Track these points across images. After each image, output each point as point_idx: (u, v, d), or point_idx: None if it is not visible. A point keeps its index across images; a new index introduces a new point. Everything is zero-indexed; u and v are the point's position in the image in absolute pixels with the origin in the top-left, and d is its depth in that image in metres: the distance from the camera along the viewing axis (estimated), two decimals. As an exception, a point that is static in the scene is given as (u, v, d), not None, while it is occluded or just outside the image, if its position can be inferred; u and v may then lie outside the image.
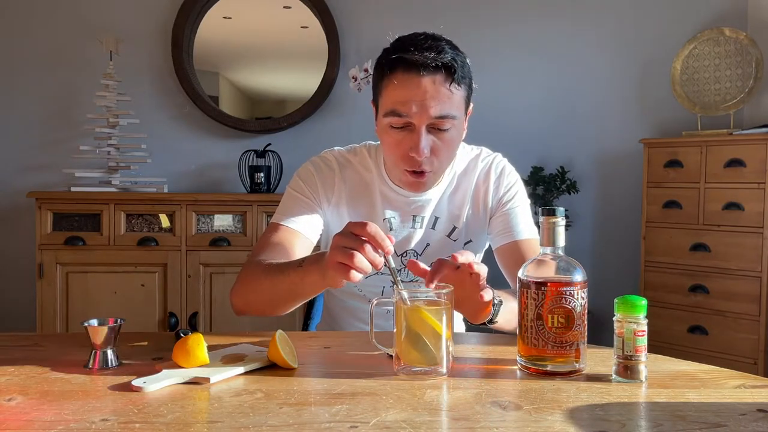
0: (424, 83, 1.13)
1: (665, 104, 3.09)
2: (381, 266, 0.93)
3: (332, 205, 1.29)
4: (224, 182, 3.07)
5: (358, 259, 0.91)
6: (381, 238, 0.92)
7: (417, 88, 1.13)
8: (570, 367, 0.90)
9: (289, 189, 1.30)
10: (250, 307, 1.18)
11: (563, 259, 0.92)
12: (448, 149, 1.20)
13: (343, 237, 0.94)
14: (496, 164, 1.33)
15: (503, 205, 1.31)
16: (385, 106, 1.17)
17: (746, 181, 2.60)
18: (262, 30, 3.17)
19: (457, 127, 1.19)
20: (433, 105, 1.13)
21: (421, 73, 1.12)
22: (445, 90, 1.14)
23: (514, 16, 3.13)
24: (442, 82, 1.13)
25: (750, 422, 0.73)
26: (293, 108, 3.07)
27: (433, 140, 1.17)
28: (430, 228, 1.30)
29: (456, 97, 1.16)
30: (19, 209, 2.97)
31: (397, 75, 1.14)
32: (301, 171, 1.32)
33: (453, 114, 1.16)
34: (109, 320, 0.94)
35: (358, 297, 1.34)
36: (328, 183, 1.29)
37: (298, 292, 1.08)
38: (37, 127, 3.03)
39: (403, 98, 1.14)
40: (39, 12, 3.03)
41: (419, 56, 1.12)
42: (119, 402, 0.79)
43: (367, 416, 0.74)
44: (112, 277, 2.66)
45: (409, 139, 1.16)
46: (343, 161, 1.32)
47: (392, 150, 1.20)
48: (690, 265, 2.75)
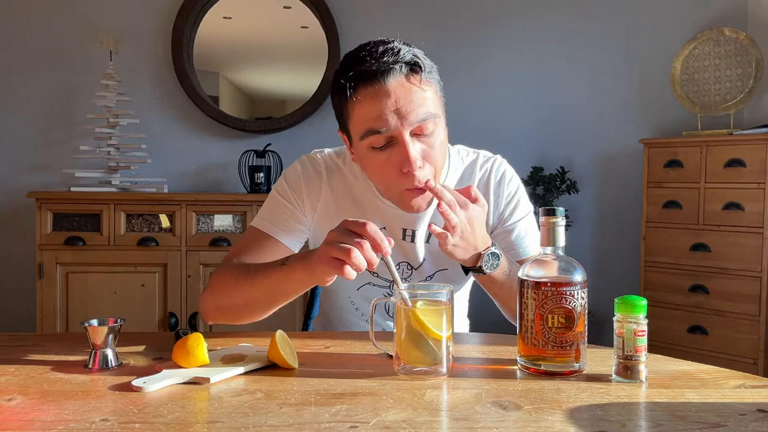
0: (392, 89, 1.03)
1: (665, 104, 3.09)
2: (376, 266, 0.91)
3: (318, 214, 1.21)
4: (224, 182, 3.07)
5: (355, 255, 0.88)
6: (380, 239, 0.90)
7: (387, 97, 1.02)
8: (570, 367, 0.90)
9: (275, 192, 1.22)
10: (222, 313, 1.13)
11: (563, 259, 0.92)
12: (439, 151, 1.09)
13: (339, 233, 0.92)
14: (495, 171, 1.24)
15: (505, 220, 1.23)
16: (357, 129, 1.06)
17: (746, 181, 2.60)
18: (262, 30, 3.17)
19: (440, 126, 1.09)
20: (410, 109, 1.03)
21: (386, 80, 1.02)
22: (416, 89, 1.04)
23: (514, 16, 3.13)
24: (410, 81, 1.04)
25: (750, 422, 0.73)
26: (293, 108, 3.07)
27: (421, 148, 1.06)
28: (424, 242, 1.22)
29: (429, 93, 1.06)
30: (19, 209, 2.97)
31: (361, 91, 1.04)
32: (288, 174, 1.23)
33: (433, 112, 1.06)
34: (109, 320, 0.94)
35: (353, 313, 1.29)
36: (314, 190, 1.21)
37: (280, 293, 1.04)
38: (37, 127, 3.03)
39: (375, 113, 1.03)
40: (39, 12, 3.03)
41: (377, 64, 1.02)
42: (119, 402, 0.79)
43: (367, 416, 0.74)
44: (112, 277, 2.66)
45: (396, 154, 1.05)
46: (333, 165, 1.23)
47: (380, 174, 1.09)
48: (690, 265, 2.75)
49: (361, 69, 1.03)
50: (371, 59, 1.03)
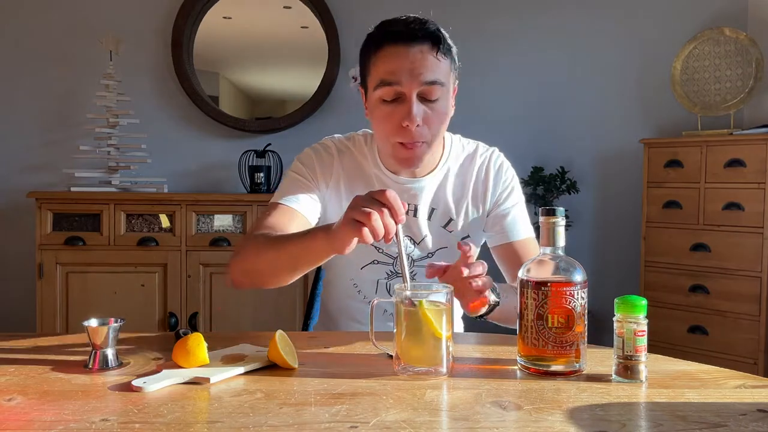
0: (412, 53, 1.16)
1: (665, 104, 3.09)
2: (392, 234, 0.95)
3: (330, 189, 1.31)
4: (224, 182, 3.07)
5: (375, 218, 0.92)
6: (398, 207, 0.94)
7: (405, 58, 1.16)
8: (570, 367, 0.90)
9: (289, 171, 1.32)
10: (249, 277, 1.19)
11: (563, 259, 0.92)
12: (439, 119, 1.21)
13: (363, 198, 0.96)
14: (494, 160, 1.34)
15: (500, 204, 1.32)
16: (374, 80, 1.20)
17: (746, 181, 2.60)
18: (262, 30, 3.17)
19: (445, 97, 1.21)
20: (422, 71, 1.16)
21: (409, 43, 1.17)
22: (433, 58, 1.17)
23: (514, 16, 3.13)
24: (429, 50, 1.17)
25: (750, 422, 0.73)
26: (293, 108, 3.07)
27: (424, 110, 1.18)
28: (426, 219, 1.31)
29: (443, 65, 1.19)
30: (19, 209, 2.97)
31: (385, 48, 1.18)
32: (302, 155, 1.34)
33: (441, 80, 1.18)
34: (109, 320, 0.94)
35: (354, 297, 1.34)
36: (326, 167, 1.31)
37: (302, 259, 1.09)
38: (37, 127, 3.03)
39: (392, 68, 1.17)
40: (39, 12, 3.03)
41: (405, 28, 1.17)
42: (119, 402, 0.79)
43: (367, 416, 0.74)
44: (112, 277, 2.66)
45: (400, 110, 1.18)
46: (342, 147, 1.34)
47: (383, 123, 1.21)
48: (690, 265, 2.75)
49: (390, 29, 1.19)
50: (401, 24, 1.19)
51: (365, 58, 1.23)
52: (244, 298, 2.67)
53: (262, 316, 2.64)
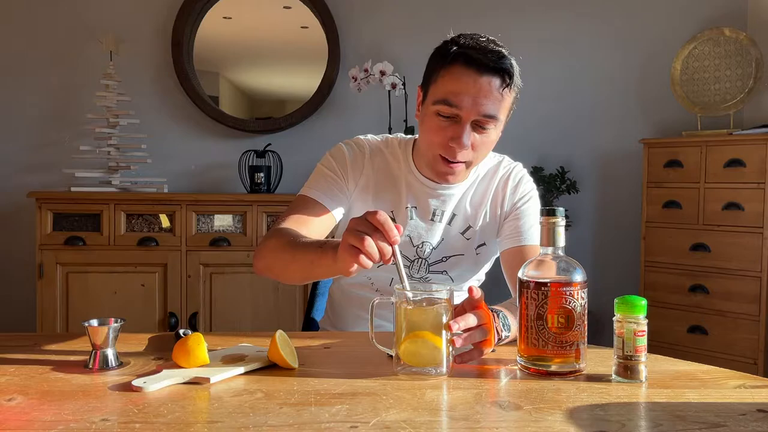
0: (481, 82, 1.17)
1: (665, 104, 3.09)
2: (389, 256, 0.92)
3: (359, 188, 1.32)
4: (224, 182, 3.07)
5: (368, 243, 0.90)
6: (389, 228, 0.91)
7: (473, 85, 1.17)
8: (570, 367, 0.90)
9: (320, 165, 1.33)
10: (270, 270, 1.21)
11: (563, 259, 0.92)
12: (485, 147, 1.24)
13: (358, 221, 0.95)
14: (515, 173, 1.36)
15: (515, 210, 1.33)
16: (437, 94, 1.20)
17: (746, 181, 2.60)
18: (262, 30, 3.17)
19: (497, 130, 1.24)
20: (484, 103, 1.17)
21: (481, 72, 1.17)
22: (497, 93, 1.18)
23: (513, 16, 3.13)
24: (498, 86, 1.18)
25: (750, 422, 0.73)
26: (293, 108, 3.07)
27: (474, 136, 1.20)
28: (447, 224, 1.33)
29: (505, 102, 1.21)
30: (19, 209, 2.97)
31: (457, 68, 1.18)
32: (334, 150, 1.34)
33: (499, 116, 1.20)
34: (109, 320, 0.94)
35: (366, 287, 1.34)
36: (358, 165, 1.32)
37: (313, 271, 1.10)
38: (37, 127, 3.03)
39: (457, 90, 1.17)
40: (39, 12, 3.03)
41: (482, 56, 1.17)
42: (119, 402, 0.79)
43: (367, 416, 0.74)
44: (112, 277, 2.66)
45: (452, 129, 1.19)
46: (375, 148, 1.35)
47: (432, 135, 1.22)
48: (690, 265, 2.75)
49: (469, 52, 1.18)
50: (481, 49, 1.18)
51: (435, 64, 1.23)
52: (244, 298, 2.67)
53: (262, 316, 2.64)
